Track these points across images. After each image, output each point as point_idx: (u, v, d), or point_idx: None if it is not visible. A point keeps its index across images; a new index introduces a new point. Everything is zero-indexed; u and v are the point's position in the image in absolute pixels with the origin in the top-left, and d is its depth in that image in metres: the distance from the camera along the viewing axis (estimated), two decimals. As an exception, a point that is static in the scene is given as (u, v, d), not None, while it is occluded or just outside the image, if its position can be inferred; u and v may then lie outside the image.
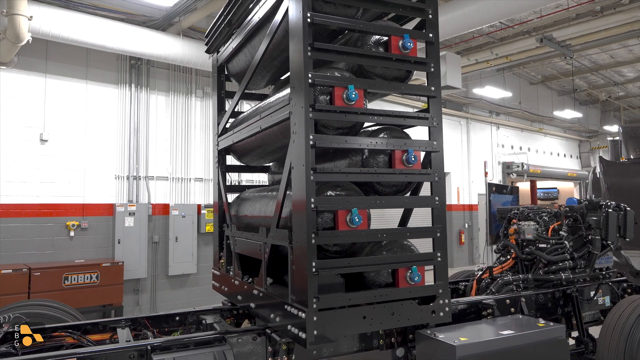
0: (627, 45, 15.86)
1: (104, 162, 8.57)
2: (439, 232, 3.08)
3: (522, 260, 4.90)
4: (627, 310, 3.93)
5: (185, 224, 9.19)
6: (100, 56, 8.48)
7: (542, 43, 9.53)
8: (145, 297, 8.82)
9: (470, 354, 3.08)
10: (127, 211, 8.45)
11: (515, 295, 4.20)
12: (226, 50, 4.35)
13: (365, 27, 2.96)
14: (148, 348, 2.86)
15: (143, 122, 8.97)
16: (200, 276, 9.46)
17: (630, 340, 3.77)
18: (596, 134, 24.31)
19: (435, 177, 3.09)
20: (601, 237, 4.65)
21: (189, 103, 9.60)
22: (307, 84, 2.69)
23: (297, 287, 2.74)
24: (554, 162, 22.09)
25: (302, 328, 2.65)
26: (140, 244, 8.58)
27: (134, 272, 8.44)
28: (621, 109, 23.51)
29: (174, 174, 9.33)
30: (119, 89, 8.75)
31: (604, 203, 4.82)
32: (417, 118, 3.16)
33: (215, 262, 4.54)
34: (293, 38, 2.83)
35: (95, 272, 7.48)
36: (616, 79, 20.04)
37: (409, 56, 3.04)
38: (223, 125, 4.42)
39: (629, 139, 11.10)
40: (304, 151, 2.66)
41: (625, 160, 10.76)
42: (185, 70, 9.50)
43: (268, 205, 3.53)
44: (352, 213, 2.77)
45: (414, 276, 2.92)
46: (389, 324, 2.91)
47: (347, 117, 2.84)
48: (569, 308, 4.51)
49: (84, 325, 3.53)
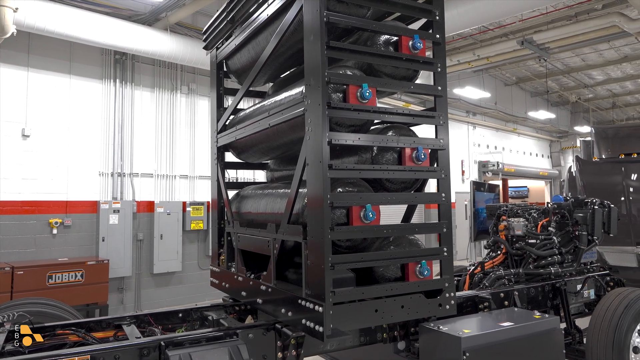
0: (598, 50, 16.47)
1: (87, 159, 8.40)
2: (446, 228, 3.18)
3: (512, 256, 5.07)
4: (615, 302, 4.12)
5: (170, 222, 9.10)
6: (84, 50, 8.30)
7: (523, 45, 9.82)
8: (129, 295, 8.70)
9: (474, 345, 3.19)
10: (111, 208, 8.31)
11: (509, 289, 4.35)
12: (227, 47, 4.34)
13: (378, 27, 3.03)
14: (162, 344, 2.85)
15: (127, 118, 8.83)
16: (186, 274, 9.38)
17: (618, 331, 3.97)
18: (566, 135, 25.13)
19: (442, 175, 3.19)
20: (587, 233, 4.86)
21: (174, 99, 9.49)
22: (325, 82, 2.74)
23: (313, 282, 2.79)
24: (527, 161, 22.75)
25: (317, 322, 2.70)
26: (125, 242, 8.45)
27: (118, 271, 8.31)
28: (590, 110, 24.35)
29: (159, 171, 9.22)
30: (103, 84, 8.59)
31: (589, 200, 5.03)
32: (424, 117, 3.24)
33: (214, 259, 4.53)
34: (309, 36, 2.87)
35: (80, 270, 7.34)
36: (586, 81, 20.75)
37: (418, 56, 3.13)
38: (223, 122, 4.41)
39: (601, 139, 11.55)
40: (320, 148, 2.71)
41: (597, 159, 11.19)
42: (171, 66, 9.39)
43: (276, 202, 3.56)
44: (366, 209, 2.84)
45: (423, 270, 3.01)
46: (399, 317, 2.99)
47: (361, 115, 2.90)
48: (558, 301, 4.69)
49: (87, 323, 3.49)
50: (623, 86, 21.60)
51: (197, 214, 9.44)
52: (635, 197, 8.93)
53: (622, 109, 25.37)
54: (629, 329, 4.01)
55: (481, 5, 7.12)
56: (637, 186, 9.24)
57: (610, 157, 10.86)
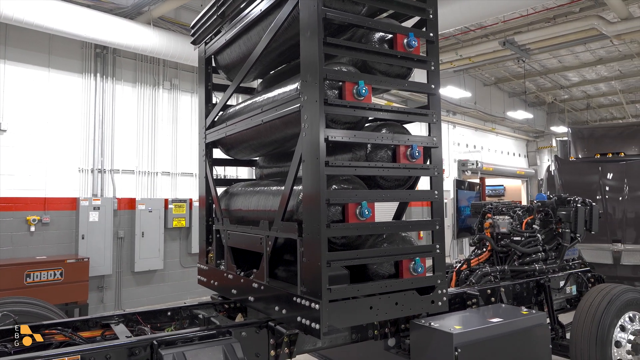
0: (575, 52, 16.86)
1: (67, 154, 8.19)
2: (438, 225, 3.21)
3: (498, 253, 5.15)
4: (598, 298, 4.23)
5: (152, 219, 8.95)
6: (64, 43, 8.08)
7: (505, 46, 9.97)
8: (109, 294, 8.53)
9: (465, 341, 3.23)
10: (91, 205, 8.12)
11: (496, 285, 4.41)
12: (217, 42, 4.28)
13: (374, 24, 3.03)
14: (154, 343, 2.81)
15: (108, 113, 8.64)
16: (167, 272, 9.26)
17: (601, 326, 4.07)
18: (542, 134, 25.69)
19: (435, 172, 3.21)
20: (570, 230, 4.97)
21: (157, 95, 9.33)
22: (322, 78, 2.73)
23: (308, 279, 2.78)
24: (505, 160, 23.16)
25: (314, 319, 2.69)
26: (105, 240, 8.28)
27: (99, 269, 8.13)
28: (565, 111, 24.94)
29: (140, 167, 9.06)
30: (83, 78, 8.38)
31: (572, 199, 5.14)
32: (418, 114, 3.26)
33: (202, 257, 4.48)
34: (305, 32, 2.85)
35: (59, 268, 7.16)
36: (562, 82, 21.24)
37: (413, 54, 3.14)
38: (212, 119, 4.35)
39: (578, 139, 11.83)
40: (318, 145, 2.70)
41: (574, 159, 11.47)
42: (153, 61, 9.23)
43: (268, 199, 3.53)
44: (362, 206, 2.83)
45: (417, 267, 3.03)
46: (393, 314, 3.00)
47: (356, 112, 2.90)
48: (542, 297, 4.79)
49: (73, 322, 3.41)
50: (597, 88, 22.18)
51: (179, 211, 9.31)
52: (611, 195, 9.19)
53: (596, 110, 26.07)
54: (612, 324, 4.12)
55: (464, 6, 7.21)
56: (613, 185, 9.51)
57: (587, 157, 11.15)
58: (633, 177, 9.29)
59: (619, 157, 10.68)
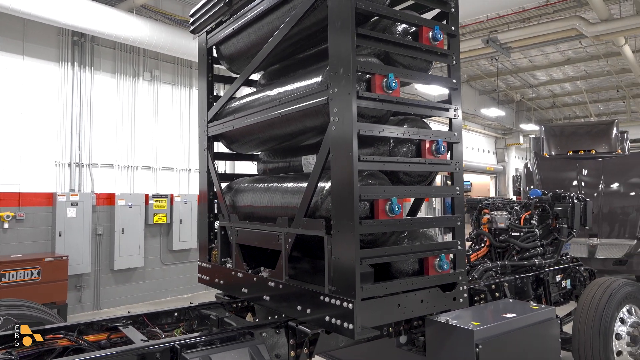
0: (545, 52, 17.36)
1: (42, 147, 7.77)
2: (460, 221, 3.19)
3: (496, 248, 5.21)
4: (599, 292, 4.33)
5: (132, 215, 8.62)
6: (40, 30, 7.65)
7: (487, 44, 10.12)
8: (87, 293, 8.17)
9: (486, 336, 3.23)
10: (69, 201, 7.74)
11: (500, 280, 4.45)
12: (222, 31, 4.12)
13: (401, 16, 2.96)
14: (176, 346, 2.67)
15: (86, 104, 8.25)
16: (148, 269, 8.96)
17: (604, 319, 4.17)
18: (510, 132, 26.41)
19: (457, 168, 3.18)
20: (567, 226, 5.08)
21: (136, 86, 8.98)
22: (355, 70, 2.64)
23: (338, 277, 2.70)
24: (476, 156, 23.68)
25: (346, 319, 2.62)
26: (84, 237, 7.92)
27: (77, 267, 7.77)
28: (532, 109, 25.71)
29: (119, 161, 8.70)
30: (59, 67, 7.95)
31: (567, 194, 5.25)
32: (440, 109, 3.23)
33: (203, 255, 4.31)
34: (335, 23, 2.76)
35: (36, 267, 6.79)
36: (531, 81, 21.87)
37: (437, 47, 3.09)
38: (216, 111, 4.19)
39: (551, 136, 12.19)
40: (351, 139, 2.62)
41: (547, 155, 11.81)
42: (133, 50, 8.86)
43: (285, 195, 3.42)
44: (392, 202, 2.77)
45: (442, 264, 3.00)
46: (420, 312, 2.97)
47: (384, 105, 2.83)
48: (540, 291, 4.87)
49: (77, 326, 3.21)
50: (563, 87, 22.96)
51: (160, 207, 9.01)
52: (587, 191, 9.50)
53: (560, 109, 26.99)
54: (612, 317, 4.23)
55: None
56: (589, 181, 9.84)
57: (560, 154, 11.52)
58: (608, 173, 9.64)
59: (590, 154, 11.07)
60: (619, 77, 19.84)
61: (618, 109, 26.29)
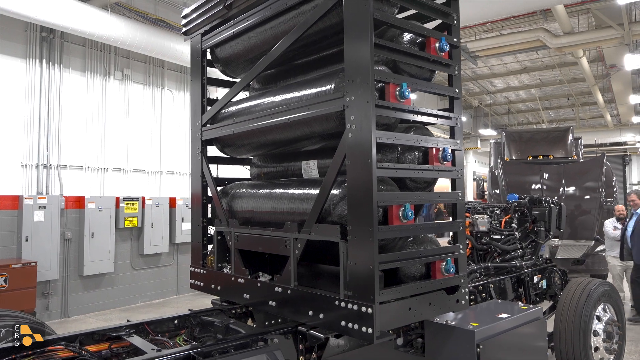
0: (504, 62, 18.11)
1: (8, 148, 7.37)
2: (462, 226, 3.31)
3: (478, 250, 5.40)
4: (577, 292, 4.58)
5: (102, 219, 8.32)
6: (5, 24, 7.27)
7: (457, 52, 10.44)
8: (55, 300, 7.82)
9: (485, 336, 3.38)
10: (36, 204, 7.38)
11: (486, 282, 4.63)
12: (219, 34, 4.07)
13: (411, 27, 3.04)
14: (192, 354, 2.63)
15: (54, 103, 7.90)
16: (118, 275, 8.67)
17: (583, 317, 4.42)
18: (469, 136, 27.29)
19: (458, 174, 3.31)
20: (545, 229, 5.34)
21: (107, 85, 8.68)
22: (373, 79, 2.70)
23: (356, 282, 2.74)
24: (437, 160, 24.25)
25: (365, 323, 2.67)
26: (52, 242, 7.57)
27: (45, 274, 7.42)
28: (489, 115, 26.69)
29: (89, 162, 8.38)
30: (27, 64, 7.58)
31: (543, 199, 5.52)
32: (444, 117, 3.34)
33: (197, 260, 4.25)
34: (351, 32, 2.81)
35: (3, 274, 6.45)
36: (489, 88, 22.72)
37: (442, 58, 3.21)
38: (211, 115, 4.14)
39: (511, 142, 12.71)
40: (369, 146, 2.67)
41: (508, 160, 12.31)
42: (104, 48, 8.56)
43: (292, 201, 3.42)
44: (405, 208, 2.85)
45: (449, 267, 3.10)
46: (428, 314, 3.06)
47: (396, 113, 2.91)
48: (520, 291, 5.10)
49: (78, 336, 3.10)
50: (518, 94, 23.98)
51: (131, 210, 8.75)
52: (549, 194, 9.98)
53: (514, 115, 28.17)
54: (590, 316, 4.49)
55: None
56: (551, 185, 10.35)
57: (520, 159, 12.05)
58: (569, 178, 10.18)
59: (549, 159, 11.64)
60: (570, 86, 20.95)
61: (567, 116, 27.73)
